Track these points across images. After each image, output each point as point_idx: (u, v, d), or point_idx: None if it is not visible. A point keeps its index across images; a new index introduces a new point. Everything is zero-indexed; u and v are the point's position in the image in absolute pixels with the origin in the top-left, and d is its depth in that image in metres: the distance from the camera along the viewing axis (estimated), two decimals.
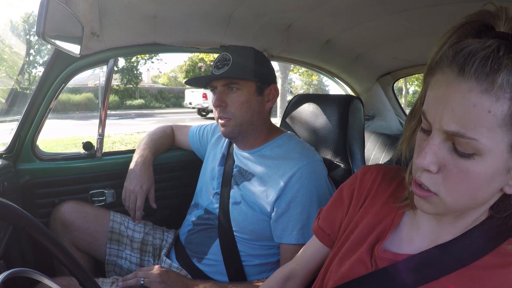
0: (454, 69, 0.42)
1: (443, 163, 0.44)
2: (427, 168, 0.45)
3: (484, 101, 0.40)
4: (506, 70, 0.39)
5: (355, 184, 0.67)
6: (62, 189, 1.31)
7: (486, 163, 0.42)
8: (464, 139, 0.41)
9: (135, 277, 1.03)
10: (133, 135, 8.36)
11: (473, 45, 0.42)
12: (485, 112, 0.40)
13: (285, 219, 0.98)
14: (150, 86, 23.60)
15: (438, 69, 0.45)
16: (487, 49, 0.40)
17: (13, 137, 1.22)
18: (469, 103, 0.40)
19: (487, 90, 0.39)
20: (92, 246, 1.22)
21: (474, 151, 0.42)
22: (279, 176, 1.00)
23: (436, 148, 0.44)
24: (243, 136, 1.09)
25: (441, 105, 0.43)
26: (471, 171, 0.42)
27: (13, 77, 5.14)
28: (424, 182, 0.46)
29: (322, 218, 0.71)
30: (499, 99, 0.39)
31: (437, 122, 0.44)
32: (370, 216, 0.61)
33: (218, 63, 1.05)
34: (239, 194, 1.07)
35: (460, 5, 0.95)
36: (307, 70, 9.28)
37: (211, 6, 1.17)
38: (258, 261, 1.07)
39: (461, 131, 0.41)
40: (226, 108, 1.05)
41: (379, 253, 0.56)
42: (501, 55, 0.40)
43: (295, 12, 1.24)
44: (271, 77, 1.12)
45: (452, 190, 0.45)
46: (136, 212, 1.19)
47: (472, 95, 0.40)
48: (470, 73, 0.40)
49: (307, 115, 1.30)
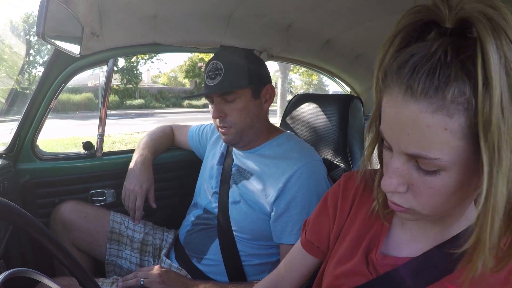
0: (401, 88, 0.39)
1: (410, 182, 0.44)
2: (396, 191, 0.44)
3: (437, 120, 0.38)
4: (455, 81, 0.36)
5: (339, 192, 0.65)
6: (62, 189, 1.31)
7: (453, 175, 0.40)
8: (427, 160, 0.40)
9: (135, 277, 1.03)
10: (133, 135, 8.36)
11: (418, 53, 0.39)
12: (441, 131, 0.38)
13: (284, 219, 0.98)
14: (150, 86, 23.60)
15: (385, 87, 0.42)
16: (433, 57, 0.37)
17: (13, 137, 1.23)
18: (422, 125, 0.38)
19: (439, 108, 0.37)
20: (92, 246, 1.22)
21: (439, 168, 0.40)
22: (278, 176, 1.00)
23: (400, 170, 0.43)
24: (244, 141, 1.09)
25: (395, 129, 0.41)
26: (439, 185, 0.41)
27: (13, 77, 5.14)
28: (396, 202, 0.46)
29: (309, 231, 0.69)
30: (453, 115, 0.37)
31: (396, 145, 0.43)
32: (358, 224, 0.60)
33: (210, 73, 1.04)
34: (238, 193, 1.07)
35: None
36: (307, 70, 9.28)
37: (211, 6, 1.17)
38: (258, 261, 1.07)
39: (422, 153, 0.40)
40: (225, 117, 1.05)
41: (379, 259, 0.55)
42: (449, 62, 0.37)
43: (295, 12, 1.24)
44: (265, 77, 1.11)
45: (425, 204, 0.44)
46: (136, 212, 1.19)
47: (424, 116, 0.38)
48: (418, 92, 0.38)
49: (307, 115, 1.30)
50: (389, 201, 0.48)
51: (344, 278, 0.58)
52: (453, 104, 0.37)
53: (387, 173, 0.44)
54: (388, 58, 0.43)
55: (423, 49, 0.39)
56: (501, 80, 0.35)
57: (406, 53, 0.40)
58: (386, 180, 0.44)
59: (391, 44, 0.43)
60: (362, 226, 0.59)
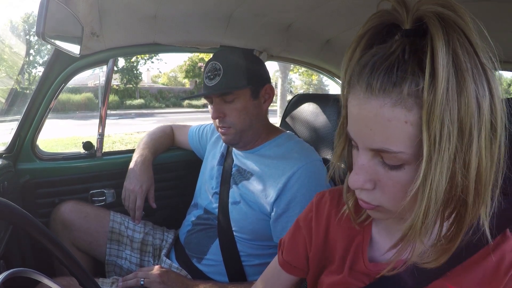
0: (362, 87, 0.41)
1: (377, 179, 0.45)
2: (363, 187, 0.45)
3: (397, 113, 0.39)
4: (411, 76, 0.38)
5: (312, 212, 0.66)
6: (62, 189, 1.31)
7: (417, 169, 0.41)
8: (391, 154, 0.41)
9: (135, 277, 1.03)
10: (133, 135, 8.36)
11: (378, 54, 0.41)
12: (401, 124, 0.39)
13: (284, 219, 0.98)
14: (150, 86, 23.60)
15: (350, 87, 0.44)
16: (392, 56, 0.39)
17: (13, 137, 1.23)
18: (383, 119, 0.40)
19: (397, 101, 0.39)
20: (92, 246, 1.22)
21: (403, 162, 0.41)
22: (278, 176, 1.00)
23: (366, 167, 0.44)
24: (244, 141, 1.09)
25: (359, 125, 0.43)
26: (405, 180, 0.42)
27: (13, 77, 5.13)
28: (365, 199, 0.47)
29: (286, 252, 0.69)
30: (411, 108, 0.39)
31: (361, 142, 0.44)
32: (341, 240, 0.60)
33: (209, 74, 1.04)
34: (238, 193, 1.07)
35: (460, 5, 0.95)
36: (307, 70, 9.28)
37: (211, 6, 1.17)
38: (258, 261, 1.07)
39: (385, 147, 0.41)
40: (224, 118, 1.05)
41: (370, 268, 0.55)
42: (406, 59, 0.39)
43: (295, 12, 1.24)
44: (264, 77, 1.11)
45: (393, 200, 0.45)
46: (136, 212, 1.19)
47: (384, 111, 0.40)
48: (377, 88, 0.40)
49: (307, 115, 1.30)
50: (358, 200, 0.49)
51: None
52: (410, 98, 0.38)
53: (354, 170, 0.45)
54: (354, 61, 0.44)
55: (383, 50, 0.41)
56: (448, 75, 0.36)
57: (368, 54, 0.43)
58: (353, 176, 0.45)
59: (356, 47, 0.45)
60: (345, 240, 0.60)
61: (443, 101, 0.36)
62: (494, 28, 1.07)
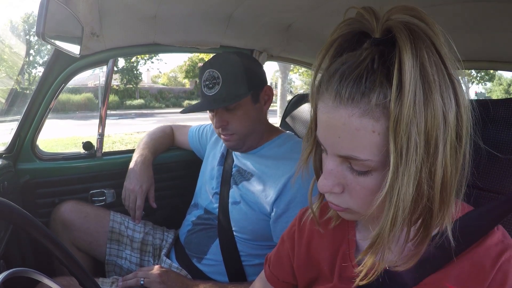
0: (331, 95, 0.42)
1: (345, 183, 0.45)
2: (332, 191, 0.46)
3: (365, 123, 0.40)
4: (380, 87, 0.39)
5: (295, 226, 0.67)
6: (62, 189, 1.31)
7: (384, 175, 0.41)
8: (358, 161, 0.42)
9: (135, 277, 1.03)
10: (133, 135, 8.37)
11: (348, 62, 0.41)
12: (369, 133, 0.40)
13: (284, 220, 0.98)
14: (150, 86, 23.62)
15: (320, 94, 0.45)
16: (361, 65, 0.40)
17: (13, 137, 1.23)
18: (351, 128, 0.40)
19: (365, 112, 0.39)
20: (92, 246, 1.22)
21: (370, 169, 0.42)
22: (279, 176, 1.00)
23: (335, 172, 0.45)
24: (247, 145, 1.09)
25: (328, 132, 0.44)
26: (372, 185, 0.43)
27: (13, 77, 5.14)
28: (334, 202, 0.48)
29: (272, 266, 0.70)
30: (379, 119, 0.39)
31: (329, 148, 0.45)
32: (325, 250, 0.61)
33: (207, 82, 1.01)
34: (238, 194, 1.07)
35: (460, 5, 0.96)
36: (307, 70, 9.27)
37: (211, 6, 1.16)
38: (258, 261, 1.07)
39: (353, 155, 0.42)
40: (227, 125, 1.04)
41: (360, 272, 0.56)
42: (375, 68, 0.39)
43: (295, 12, 1.24)
44: (263, 80, 1.09)
45: (361, 204, 0.46)
46: (136, 212, 1.19)
47: (353, 120, 0.40)
48: (345, 97, 0.40)
49: (307, 115, 1.30)
50: (328, 202, 0.50)
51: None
52: (378, 108, 0.39)
53: (323, 175, 0.46)
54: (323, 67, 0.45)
55: (353, 58, 0.41)
56: (415, 88, 0.37)
57: (337, 62, 0.43)
58: (322, 181, 0.46)
59: (326, 54, 0.45)
60: (330, 250, 0.60)
61: (410, 113, 0.37)
62: (494, 28, 1.07)
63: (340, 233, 0.60)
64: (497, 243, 0.48)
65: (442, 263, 0.49)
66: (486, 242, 0.48)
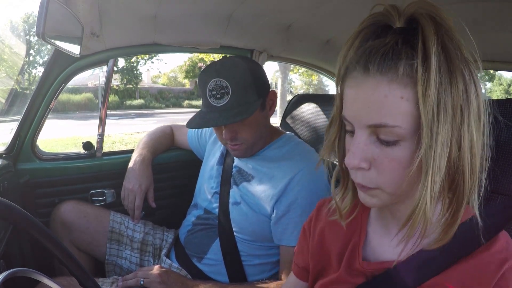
0: (360, 70, 0.44)
1: (372, 158, 0.46)
2: (359, 166, 0.46)
3: (393, 89, 0.42)
4: (405, 59, 0.42)
5: (313, 216, 0.68)
6: (62, 189, 1.31)
7: (412, 146, 0.43)
8: (387, 129, 0.43)
9: (135, 277, 1.03)
10: (133, 135, 8.37)
11: (373, 45, 0.45)
12: (397, 99, 0.42)
13: (285, 221, 0.98)
14: (150, 86, 23.61)
15: (347, 75, 0.47)
16: (386, 45, 0.43)
17: (13, 137, 1.23)
18: (380, 95, 0.43)
19: (392, 79, 0.42)
20: (92, 246, 1.22)
21: (398, 138, 0.43)
22: (280, 178, 0.99)
23: (362, 145, 0.46)
24: (254, 151, 1.08)
25: (357, 105, 0.45)
26: (400, 157, 0.44)
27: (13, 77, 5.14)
28: (361, 182, 0.48)
29: (296, 255, 0.72)
30: (406, 85, 0.42)
31: (358, 121, 0.46)
32: (337, 242, 0.62)
33: (214, 92, 0.95)
34: (238, 194, 1.07)
35: (460, 5, 0.96)
36: (307, 70, 9.27)
37: (211, 6, 1.16)
38: (258, 261, 1.07)
39: (383, 122, 0.43)
40: (236, 135, 1.01)
41: (365, 267, 0.57)
42: (400, 47, 0.43)
43: (295, 12, 1.24)
44: (268, 85, 1.07)
45: (389, 180, 0.46)
46: (135, 211, 1.19)
47: (381, 88, 0.43)
48: (374, 69, 0.43)
49: (307, 115, 1.30)
50: (357, 186, 0.50)
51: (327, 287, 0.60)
52: (404, 77, 0.42)
53: (350, 151, 0.47)
54: (349, 55, 0.48)
55: (378, 42, 0.45)
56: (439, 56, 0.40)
57: (364, 47, 0.46)
58: (350, 156, 0.46)
59: (352, 43, 0.48)
60: (342, 241, 0.62)
61: (437, 79, 0.40)
62: (494, 29, 1.07)
63: (353, 226, 0.61)
64: (501, 250, 0.48)
65: (444, 265, 0.50)
66: (491, 248, 0.49)
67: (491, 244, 0.49)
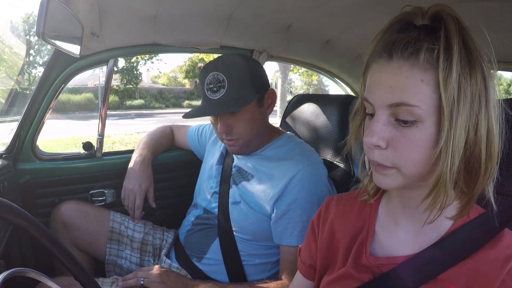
0: (385, 56, 0.49)
1: (390, 137, 0.48)
2: (376, 144, 0.48)
3: (414, 73, 0.46)
4: (426, 48, 0.45)
5: (321, 212, 0.70)
6: (62, 189, 1.31)
7: (429, 128, 0.46)
8: (407, 107, 0.46)
9: (135, 277, 1.03)
10: (133, 135, 8.37)
11: (399, 36, 0.49)
12: (418, 82, 0.46)
13: (285, 221, 0.98)
14: (150, 86, 23.61)
15: (372, 62, 0.51)
16: (410, 36, 0.47)
17: (13, 137, 1.23)
18: (402, 77, 0.46)
19: (414, 64, 0.46)
20: (92, 246, 1.22)
21: (416, 118, 0.46)
22: (279, 178, 0.99)
23: (381, 125, 0.48)
24: (251, 148, 1.08)
25: (379, 86, 0.49)
26: (417, 137, 0.47)
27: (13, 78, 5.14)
28: (378, 160, 0.50)
29: (302, 253, 0.73)
30: (427, 70, 0.45)
31: (379, 101, 0.49)
32: (346, 237, 0.63)
33: (211, 86, 0.98)
34: (238, 193, 1.07)
35: (460, 5, 0.96)
36: (307, 70, 9.27)
37: (211, 6, 1.17)
38: (258, 261, 1.07)
39: (404, 100, 0.46)
40: (232, 130, 1.01)
41: (371, 262, 0.57)
42: (422, 38, 0.47)
43: (295, 12, 1.24)
44: (267, 83, 1.08)
45: (405, 159, 0.48)
46: (135, 212, 1.19)
47: (403, 70, 0.46)
48: (397, 55, 0.47)
49: (307, 115, 1.30)
50: (373, 166, 0.52)
51: (333, 283, 0.61)
52: (425, 63, 0.46)
53: (369, 129, 0.49)
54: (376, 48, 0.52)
55: (404, 35, 0.49)
56: (460, 46, 0.44)
57: (390, 39, 0.50)
58: (368, 134, 0.49)
59: (381, 38, 0.52)
60: (349, 236, 0.63)
61: (458, 68, 0.44)
62: (494, 28, 1.07)
63: (362, 221, 0.62)
64: (507, 246, 0.49)
65: (450, 263, 0.50)
66: (497, 245, 0.49)
67: (497, 241, 0.50)
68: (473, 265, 0.49)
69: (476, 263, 0.49)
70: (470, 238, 0.50)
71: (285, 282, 0.97)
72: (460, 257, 0.50)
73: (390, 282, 0.54)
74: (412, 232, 0.56)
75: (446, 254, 0.51)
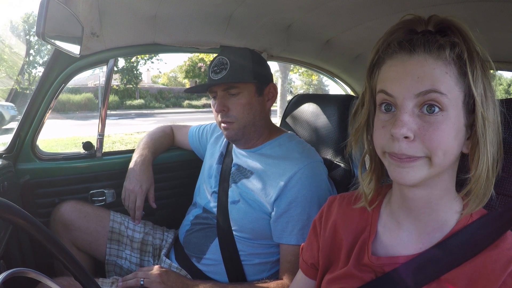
0: (404, 53, 0.50)
1: (416, 128, 0.49)
2: (406, 134, 0.49)
3: (439, 65, 0.48)
4: (450, 45, 0.48)
5: (323, 212, 0.70)
6: (62, 189, 1.31)
7: (452, 118, 0.49)
8: (436, 94, 0.48)
9: (135, 277, 1.03)
10: (133, 135, 8.36)
11: (413, 36, 0.51)
12: (443, 73, 0.48)
13: (285, 220, 0.98)
14: (150, 86, 23.59)
15: (385, 60, 0.53)
16: (426, 37, 0.50)
17: (13, 137, 1.23)
18: (429, 68, 0.48)
19: (438, 57, 0.49)
20: (92, 246, 1.22)
21: (441, 107, 0.48)
22: (279, 176, 1.00)
23: (408, 116, 0.49)
24: (246, 138, 1.09)
25: (404, 78, 0.50)
26: (443, 126, 0.48)
27: (13, 77, 5.14)
28: (406, 152, 0.49)
29: (304, 252, 0.74)
30: (450, 63, 0.48)
31: (406, 91, 0.49)
32: (348, 237, 0.64)
33: (215, 68, 1.05)
34: (237, 192, 1.07)
35: (460, 5, 0.95)
36: (307, 70, 9.27)
37: (211, 6, 1.16)
38: (258, 260, 1.07)
39: (434, 87, 0.48)
40: (228, 112, 1.05)
41: (373, 261, 0.57)
42: (438, 39, 0.49)
43: (295, 12, 1.24)
44: (269, 77, 1.12)
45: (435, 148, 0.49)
46: (135, 212, 1.19)
47: (429, 62, 0.49)
48: (420, 49, 0.49)
49: (307, 115, 1.30)
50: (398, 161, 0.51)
51: (335, 282, 0.62)
52: (449, 57, 0.49)
53: (397, 121, 0.49)
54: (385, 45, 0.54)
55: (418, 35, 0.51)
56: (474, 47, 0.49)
57: (403, 39, 0.51)
58: (397, 126, 0.49)
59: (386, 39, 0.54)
60: (352, 236, 0.63)
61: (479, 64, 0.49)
62: (494, 28, 1.07)
63: (364, 221, 0.63)
64: (509, 248, 0.49)
65: (452, 264, 0.51)
66: (499, 246, 0.50)
67: (499, 243, 0.50)
68: (475, 267, 0.49)
69: (478, 265, 0.49)
70: (472, 240, 0.50)
71: (285, 281, 0.97)
72: (463, 259, 0.50)
73: (392, 282, 0.54)
74: (414, 232, 0.56)
75: (449, 255, 0.51)
